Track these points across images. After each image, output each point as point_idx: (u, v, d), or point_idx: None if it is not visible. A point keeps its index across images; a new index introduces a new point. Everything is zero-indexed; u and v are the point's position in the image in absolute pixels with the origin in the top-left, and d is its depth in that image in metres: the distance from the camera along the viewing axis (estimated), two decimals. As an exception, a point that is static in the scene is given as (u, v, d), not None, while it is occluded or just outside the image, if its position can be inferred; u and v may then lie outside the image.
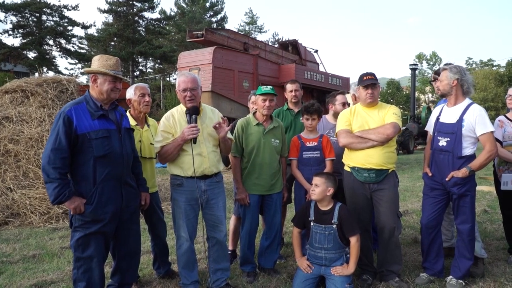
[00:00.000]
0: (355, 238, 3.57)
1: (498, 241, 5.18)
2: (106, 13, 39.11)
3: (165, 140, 3.50)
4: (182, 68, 13.17)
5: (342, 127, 3.91)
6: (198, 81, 3.58)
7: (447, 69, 3.78)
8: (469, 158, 3.69)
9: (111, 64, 3.15)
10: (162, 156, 3.54)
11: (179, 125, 3.53)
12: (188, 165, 3.50)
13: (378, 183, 3.79)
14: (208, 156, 3.57)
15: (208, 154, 3.58)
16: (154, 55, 38.79)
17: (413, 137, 22.31)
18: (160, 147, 3.51)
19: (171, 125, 3.53)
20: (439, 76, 3.85)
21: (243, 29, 52.36)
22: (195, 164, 3.48)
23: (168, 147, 3.48)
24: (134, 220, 3.39)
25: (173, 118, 3.56)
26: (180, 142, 3.44)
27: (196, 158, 3.50)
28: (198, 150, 3.53)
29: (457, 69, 3.75)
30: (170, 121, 3.55)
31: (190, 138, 3.39)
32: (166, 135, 3.52)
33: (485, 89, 46.97)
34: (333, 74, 18.58)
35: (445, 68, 3.82)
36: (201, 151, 3.55)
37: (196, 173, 3.50)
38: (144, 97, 3.90)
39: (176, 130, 3.51)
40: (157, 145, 3.52)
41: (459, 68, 3.77)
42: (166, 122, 3.56)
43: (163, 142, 3.50)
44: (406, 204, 7.62)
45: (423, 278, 3.86)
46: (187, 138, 3.39)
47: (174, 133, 3.51)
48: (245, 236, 4.09)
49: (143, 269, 4.31)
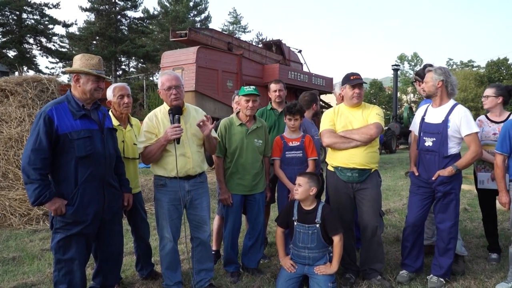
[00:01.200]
0: (338, 237, 3.59)
1: (478, 239, 5.28)
2: (88, 12, 38.69)
3: (148, 141, 3.47)
4: (165, 68, 13.09)
5: (325, 127, 3.93)
6: (181, 80, 3.57)
7: (432, 71, 3.83)
8: (454, 157, 3.76)
9: (93, 64, 3.11)
10: (145, 156, 3.51)
11: (162, 125, 3.50)
12: (171, 165, 3.48)
13: (361, 182, 3.82)
14: (192, 156, 3.56)
15: (192, 154, 3.56)
16: (137, 55, 38.50)
17: (395, 137, 22.57)
18: (143, 148, 3.48)
19: (154, 125, 3.50)
20: (425, 78, 3.89)
21: (227, 29, 52.27)
22: (179, 165, 3.46)
23: (152, 148, 3.45)
24: (116, 221, 3.36)
25: (156, 118, 3.53)
26: (163, 143, 3.41)
27: (180, 158, 3.49)
28: (182, 150, 3.51)
29: (442, 70, 3.82)
30: (153, 121, 3.52)
31: (173, 138, 3.36)
32: (149, 135, 3.49)
33: (466, 90, 47.80)
34: (316, 74, 18.70)
35: (430, 70, 3.87)
36: (185, 151, 3.53)
37: (180, 173, 3.48)
38: (123, 99, 3.82)
39: (160, 131, 3.49)
40: (140, 145, 3.50)
41: (444, 69, 3.84)
42: (149, 123, 3.53)
43: (146, 143, 3.47)
44: (388, 203, 7.71)
45: (404, 275, 3.92)
46: (170, 139, 3.36)
47: (158, 134, 3.48)
48: (228, 236, 4.08)
49: (125, 271, 4.27)
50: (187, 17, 43.93)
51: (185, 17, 43.32)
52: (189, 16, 44.87)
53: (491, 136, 4.41)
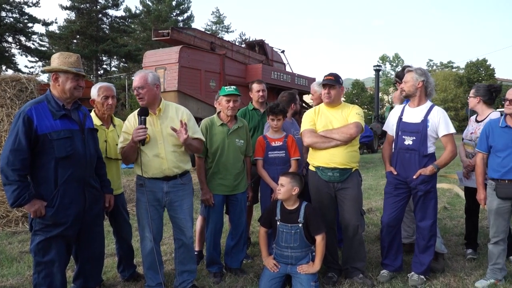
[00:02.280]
0: (321, 236, 3.62)
1: (457, 237, 5.38)
2: (68, 10, 38.01)
3: (125, 142, 3.48)
4: (147, 67, 12.94)
5: (306, 127, 3.96)
6: (149, 79, 3.46)
7: (412, 71, 3.89)
8: (432, 156, 3.86)
9: (72, 62, 3.06)
10: (122, 157, 3.55)
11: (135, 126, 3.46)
12: (147, 167, 3.48)
13: (342, 182, 3.86)
14: (166, 157, 3.51)
15: (166, 155, 3.51)
16: (118, 54, 38.04)
17: (377, 136, 22.80)
18: (120, 149, 3.51)
19: (132, 126, 3.48)
20: (404, 77, 3.94)
21: (210, 29, 52.07)
22: (154, 166, 3.47)
23: (125, 149, 3.46)
24: (97, 222, 3.33)
25: (133, 119, 3.51)
26: (131, 144, 3.39)
27: (154, 159, 3.48)
28: (156, 151, 3.49)
29: (422, 71, 3.90)
30: (131, 122, 3.51)
31: (137, 140, 3.32)
32: (126, 136, 3.48)
33: (445, 90, 48.54)
34: (299, 74, 18.75)
35: (410, 70, 3.93)
36: (159, 152, 3.50)
37: (156, 174, 3.49)
38: (107, 100, 3.78)
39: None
40: (118, 146, 3.54)
41: (424, 70, 3.93)
42: (127, 123, 3.55)
43: (124, 144, 3.48)
44: (370, 202, 7.79)
45: (384, 275, 3.97)
46: (135, 140, 3.32)
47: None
48: (210, 237, 4.08)
49: (107, 273, 4.23)
50: (169, 16, 43.60)
51: (167, 16, 42.99)
52: (172, 16, 44.54)
53: (468, 135, 4.54)
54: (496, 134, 3.73)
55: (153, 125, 3.51)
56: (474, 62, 54.33)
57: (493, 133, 3.76)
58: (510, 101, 3.60)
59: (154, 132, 3.50)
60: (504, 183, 3.64)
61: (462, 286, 3.81)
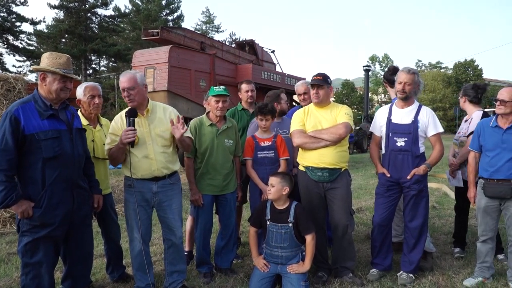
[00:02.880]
0: (311, 236, 3.63)
1: (445, 236, 5.43)
2: (57, 9, 37.59)
3: (112, 143, 3.45)
4: (136, 67, 12.89)
5: (296, 127, 3.96)
6: (138, 79, 3.44)
7: (415, 73, 3.90)
8: (422, 156, 3.91)
9: (61, 63, 3.03)
10: (110, 158, 3.52)
11: (124, 127, 3.43)
12: (136, 168, 3.45)
13: (332, 182, 3.87)
14: (155, 158, 3.50)
15: (155, 155, 3.50)
16: (108, 53, 37.75)
17: (366, 136, 22.91)
18: (108, 150, 3.47)
19: (119, 127, 3.46)
20: (403, 78, 3.86)
21: (200, 28, 51.95)
22: (144, 167, 3.46)
23: (113, 150, 3.43)
24: (86, 223, 3.30)
25: (121, 120, 3.48)
26: (120, 145, 3.37)
27: (144, 160, 3.46)
28: (145, 152, 3.47)
29: (417, 72, 3.92)
30: (118, 123, 3.49)
31: (126, 142, 3.30)
32: (113, 137, 3.46)
33: (434, 90, 49.00)
34: (289, 74, 18.80)
35: (413, 72, 3.89)
36: (148, 153, 3.48)
37: (145, 175, 3.48)
38: (93, 99, 3.76)
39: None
40: (105, 147, 3.52)
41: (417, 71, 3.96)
42: (114, 124, 3.52)
43: (111, 145, 3.45)
44: (360, 202, 7.82)
45: (374, 274, 3.99)
46: (125, 142, 3.31)
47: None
48: (200, 237, 4.06)
49: (95, 274, 4.20)
50: (159, 16, 43.38)
51: (157, 15, 42.77)
52: (162, 15, 44.33)
53: (456, 135, 4.62)
54: (487, 133, 3.77)
55: (141, 126, 3.49)
56: (462, 62, 54.90)
57: (484, 132, 3.80)
58: (501, 101, 3.64)
59: (142, 133, 3.47)
60: (493, 183, 3.68)
61: (450, 285, 3.85)
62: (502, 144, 3.64)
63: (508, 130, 3.65)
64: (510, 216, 3.68)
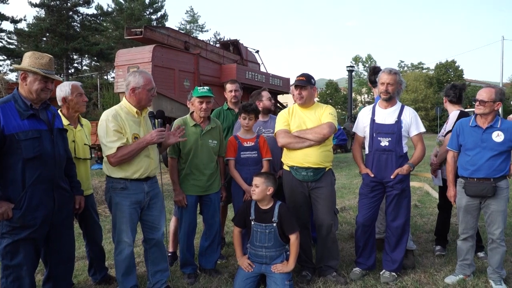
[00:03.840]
0: (295, 235, 3.64)
1: (427, 234, 5.50)
2: (38, 7, 37.02)
3: (120, 140, 3.30)
4: (120, 66, 12.78)
5: (280, 127, 3.97)
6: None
7: (396, 73, 3.94)
8: (405, 156, 3.96)
9: (43, 63, 2.98)
10: (120, 157, 3.28)
11: (128, 125, 3.39)
12: (135, 167, 3.39)
13: (316, 181, 3.89)
14: (154, 157, 3.54)
15: (154, 155, 3.55)
16: (90, 52, 37.31)
17: (350, 136, 23.12)
18: (116, 148, 3.28)
19: (121, 125, 3.37)
20: (386, 78, 3.90)
21: (184, 28, 51.78)
22: (144, 166, 3.44)
23: (131, 149, 3.30)
24: (67, 225, 3.24)
25: (120, 117, 3.39)
26: (145, 145, 3.35)
27: (145, 159, 3.44)
28: (147, 152, 3.46)
29: (398, 72, 3.97)
30: (119, 121, 3.37)
31: (159, 142, 3.37)
32: (120, 135, 3.33)
33: (416, 91, 49.60)
34: (274, 74, 18.81)
35: (394, 72, 3.94)
36: (149, 152, 3.49)
37: (143, 174, 3.45)
38: (82, 97, 3.75)
39: (126, 130, 3.37)
40: (114, 145, 3.27)
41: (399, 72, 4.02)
42: (116, 122, 3.34)
43: (120, 143, 3.29)
44: (343, 201, 7.88)
45: (356, 273, 4.03)
46: (155, 142, 3.35)
47: (124, 133, 3.36)
48: (183, 238, 4.04)
49: (78, 276, 4.14)
50: (142, 14, 43.09)
51: (140, 14, 42.48)
52: (145, 14, 44.04)
53: (439, 135, 4.69)
54: (466, 133, 3.83)
55: (142, 126, 3.50)
56: (443, 63, 55.74)
57: (463, 132, 3.86)
58: (480, 101, 3.70)
59: (145, 133, 3.47)
60: (473, 181, 3.74)
61: (432, 282, 3.90)
62: (482, 143, 3.70)
63: (487, 130, 3.71)
64: (490, 214, 3.75)
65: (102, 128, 3.35)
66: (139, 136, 3.42)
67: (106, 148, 3.32)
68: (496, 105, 3.69)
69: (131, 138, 3.37)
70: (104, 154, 3.36)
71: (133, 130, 3.41)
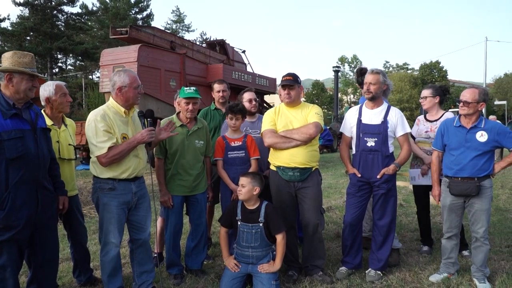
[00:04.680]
0: (281, 235, 3.64)
1: (412, 233, 5.56)
2: (22, 6, 36.40)
3: (110, 140, 3.26)
4: (105, 66, 12.67)
5: (267, 127, 3.97)
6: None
7: (379, 73, 3.97)
8: (392, 156, 4.00)
9: (26, 62, 2.94)
10: (112, 157, 3.25)
11: (116, 125, 3.35)
12: (124, 167, 3.36)
13: (302, 181, 3.90)
14: (142, 157, 3.53)
15: (143, 155, 3.54)
16: (74, 52, 36.82)
17: (336, 136, 23.21)
18: (108, 148, 3.24)
19: (110, 125, 3.33)
20: (370, 78, 3.95)
21: (170, 28, 51.47)
22: (133, 165, 3.42)
23: (122, 148, 3.27)
24: (51, 225, 3.20)
25: (108, 117, 3.35)
26: (135, 145, 3.33)
27: (134, 159, 3.42)
28: (136, 151, 3.44)
29: (384, 73, 3.99)
30: (108, 120, 3.33)
31: (150, 141, 3.38)
32: (110, 135, 3.29)
33: (401, 91, 50.11)
34: (260, 74, 18.84)
35: (377, 72, 3.97)
36: (138, 152, 3.47)
37: (131, 175, 3.42)
38: (66, 97, 3.71)
39: (114, 130, 3.34)
40: (105, 145, 3.22)
41: (385, 72, 4.04)
42: (105, 122, 3.30)
43: (110, 143, 3.25)
44: (329, 201, 7.92)
45: (342, 272, 4.05)
46: (146, 141, 3.34)
47: (113, 133, 3.33)
48: (170, 238, 4.02)
49: (62, 278, 4.09)
50: (128, 14, 42.70)
51: (126, 14, 42.08)
52: (131, 13, 43.65)
53: (423, 134, 4.71)
54: (451, 133, 3.88)
55: (130, 125, 3.48)
56: (428, 64, 56.36)
57: (447, 132, 3.91)
58: (464, 102, 3.75)
59: (133, 133, 3.44)
60: (457, 181, 3.78)
61: (417, 281, 3.94)
62: (466, 143, 3.75)
63: (471, 130, 3.76)
64: (474, 213, 3.79)
65: (91, 129, 3.30)
66: (128, 136, 3.40)
67: (97, 148, 3.27)
68: (479, 106, 3.74)
69: (120, 138, 3.34)
70: (94, 155, 3.30)
71: (122, 130, 3.39)
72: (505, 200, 7.78)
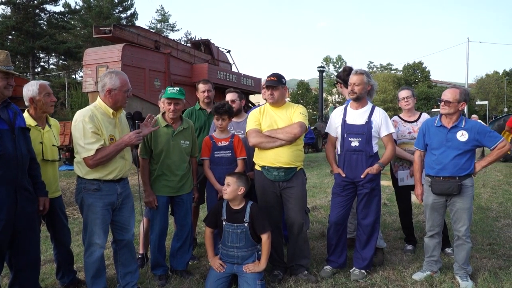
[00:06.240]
0: (266, 235, 3.65)
1: (395, 232, 5.61)
2: (4, 5, 35.77)
3: (98, 142, 3.22)
4: (88, 66, 12.51)
5: (251, 127, 3.97)
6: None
7: (363, 73, 4.00)
8: (376, 156, 4.03)
9: (1, 60, 2.89)
10: (100, 159, 3.21)
11: (104, 126, 3.31)
12: (111, 168, 3.33)
13: (287, 181, 3.91)
14: (128, 159, 3.52)
15: (129, 157, 3.53)
16: (57, 51, 36.36)
17: (321, 136, 23.34)
18: (96, 150, 3.19)
19: (98, 126, 3.28)
20: (355, 79, 3.97)
21: (154, 27, 51.16)
22: (119, 167, 3.40)
23: (110, 151, 3.24)
24: (32, 227, 3.14)
25: (96, 118, 3.30)
26: (123, 147, 3.32)
27: (120, 160, 3.40)
28: (122, 153, 3.41)
29: (368, 74, 4.03)
30: (96, 122, 3.28)
31: (137, 143, 3.37)
32: (98, 136, 3.25)
33: (385, 91, 50.69)
34: (245, 74, 18.84)
35: (360, 72, 4.00)
36: (124, 153, 3.45)
37: (117, 176, 3.39)
38: (50, 97, 3.65)
39: (102, 131, 3.29)
40: (93, 147, 3.18)
41: (369, 73, 4.07)
42: (93, 123, 3.25)
43: (98, 144, 3.21)
44: (314, 200, 7.96)
45: (327, 271, 4.07)
46: (134, 143, 3.32)
47: (101, 135, 3.28)
48: (155, 239, 4.00)
49: (45, 279, 4.03)
50: (111, 13, 42.34)
51: (109, 13, 41.72)
52: (114, 12, 43.28)
53: (406, 135, 4.73)
54: (432, 132, 3.93)
55: (117, 127, 3.44)
56: (411, 64, 57.11)
57: (429, 131, 3.96)
58: (445, 102, 3.80)
59: (120, 135, 3.42)
60: (439, 180, 3.83)
61: (400, 279, 3.98)
62: (447, 142, 3.80)
63: (452, 129, 3.81)
64: (456, 211, 3.85)
65: (78, 129, 3.23)
66: (115, 137, 3.37)
67: (84, 150, 3.21)
68: (460, 105, 3.80)
69: (108, 140, 3.31)
70: (81, 156, 3.24)
71: (109, 131, 3.35)
72: (487, 199, 7.90)
